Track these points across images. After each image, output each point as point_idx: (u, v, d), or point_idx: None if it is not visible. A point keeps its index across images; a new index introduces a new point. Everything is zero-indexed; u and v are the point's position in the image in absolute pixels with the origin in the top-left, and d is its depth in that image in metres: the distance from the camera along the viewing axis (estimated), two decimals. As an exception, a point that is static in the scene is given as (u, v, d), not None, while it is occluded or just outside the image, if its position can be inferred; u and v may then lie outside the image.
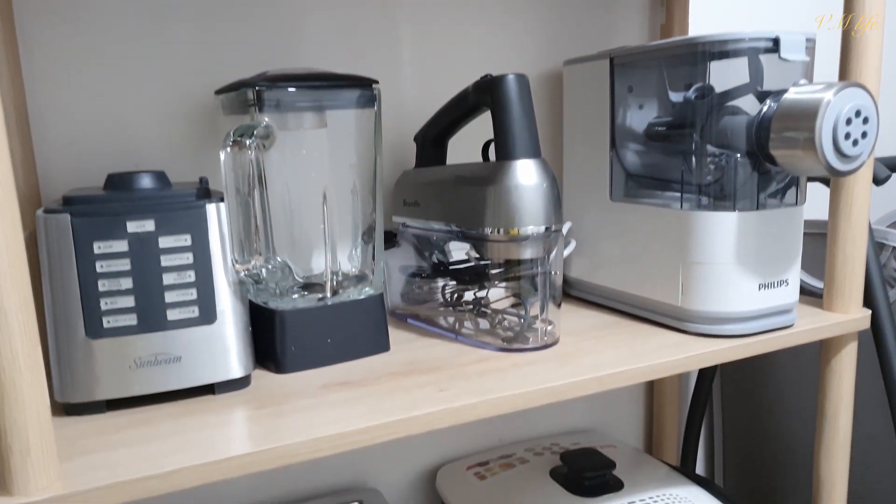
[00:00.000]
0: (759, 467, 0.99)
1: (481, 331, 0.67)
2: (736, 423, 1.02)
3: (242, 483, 0.77)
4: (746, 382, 0.99)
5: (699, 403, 0.95)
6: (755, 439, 0.99)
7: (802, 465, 0.93)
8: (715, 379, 1.02)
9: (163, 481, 0.43)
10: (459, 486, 0.81)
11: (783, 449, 0.95)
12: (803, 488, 0.93)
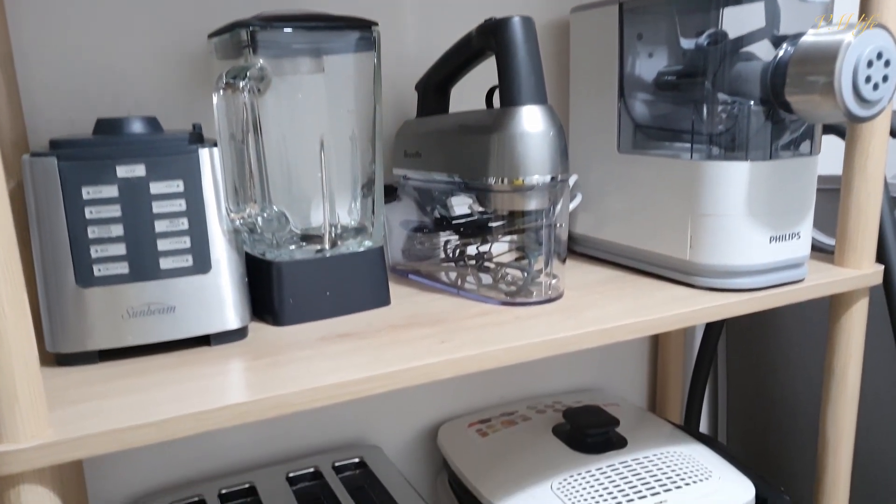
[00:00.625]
0: (763, 427, 0.99)
1: (484, 286, 0.66)
2: (740, 382, 1.01)
3: (242, 439, 0.76)
4: (752, 342, 0.98)
5: (704, 362, 0.94)
6: (759, 399, 0.98)
7: (807, 425, 0.92)
8: (720, 338, 1.00)
9: (157, 430, 0.42)
10: (461, 443, 0.80)
11: (788, 409, 0.94)
12: (808, 448, 0.93)
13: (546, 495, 0.68)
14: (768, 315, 0.95)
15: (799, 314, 0.91)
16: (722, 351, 1.04)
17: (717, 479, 0.71)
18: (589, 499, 0.67)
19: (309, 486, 0.73)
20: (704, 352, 0.94)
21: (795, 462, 0.95)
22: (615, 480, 0.69)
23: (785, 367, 0.94)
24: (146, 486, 0.73)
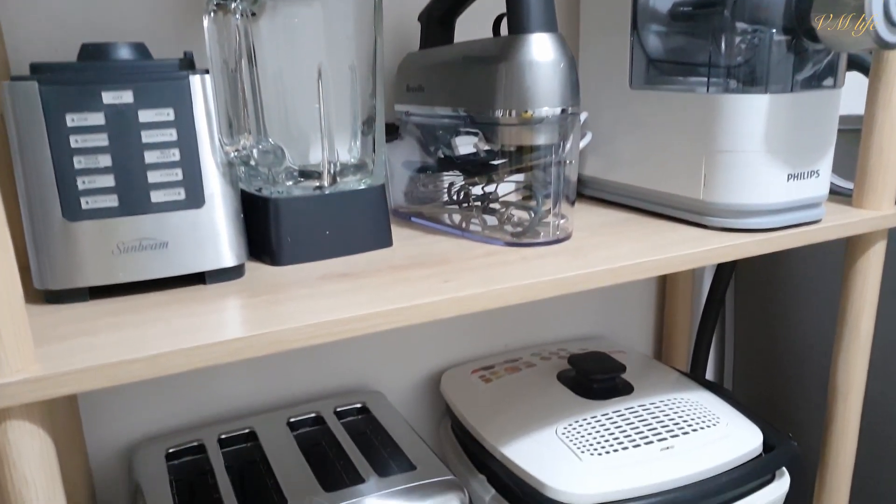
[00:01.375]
0: (770, 376, 0.97)
1: (489, 227, 0.63)
2: (748, 331, 1.00)
3: (242, 385, 0.75)
4: (761, 291, 0.96)
5: (712, 311, 0.92)
6: (767, 348, 0.97)
7: (816, 374, 0.91)
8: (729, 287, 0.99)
9: (148, 365, 0.40)
10: (464, 389, 0.79)
11: (796, 358, 0.93)
12: (815, 397, 0.92)
13: (551, 440, 0.67)
14: (779, 263, 0.93)
15: (811, 262, 0.89)
16: (730, 300, 1.02)
17: (724, 425, 0.70)
18: (595, 444, 0.66)
19: (310, 431, 0.72)
20: (712, 300, 0.92)
21: (802, 411, 0.94)
22: (621, 426, 0.68)
23: (794, 315, 0.92)
24: (144, 433, 0.72)
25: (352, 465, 0.63)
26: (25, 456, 0.39)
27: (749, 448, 0.68)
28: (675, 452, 0.66)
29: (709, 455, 0.66)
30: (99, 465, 0.71)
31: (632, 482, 0.62)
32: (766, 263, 0.95)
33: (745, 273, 0.99)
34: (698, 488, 0.64)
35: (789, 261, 0.92)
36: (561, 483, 0.62)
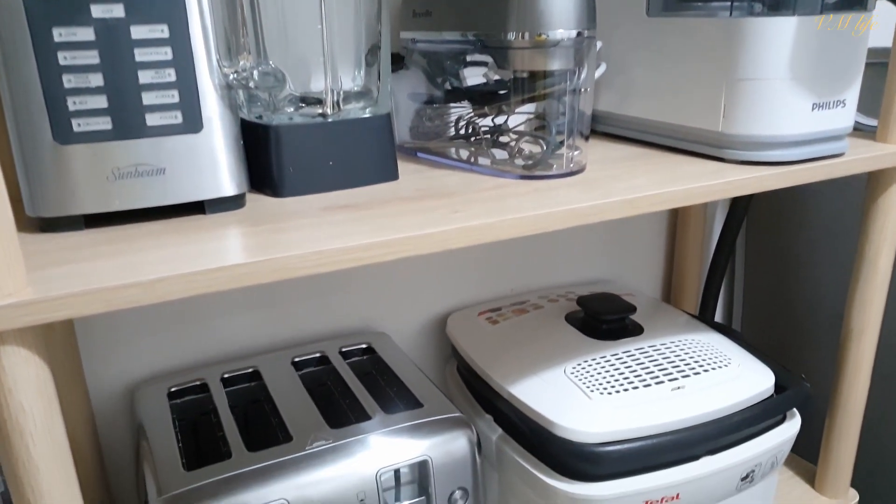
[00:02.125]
0: (780, 321, 0.96)
1: (499, 161, 0.61)
2: (759, 275, 0.98)
3: (245, 325, 0.74)
4: (773, 233, 0.94)
5: (723, 254, 0.90)
6: (778, 293, 0.96)
7: (828, 318, 0.90)
8: (740, 231, 0.96)
9: (145, 290, 0.38)
10: (470, 331, 0.77)
11: (808, 302, 0.92)
12: (826, 342, 0.90)
13: (559, 379, 0.66)
14: (792, 205, 0.91)
15: (825, 204, 0.87)
16: (741, 245, 1.00)
17: (735, 366, 0.69)
18: (604, 383, 0.64)
19: (315, 371, 0.71)
20: (724, 244, 0.90)
21: (812, 357, 0.93)
22: (631, 366, 0.67)
23: (807, 259, 0.90)
24: (145, 374, 0.71)
25: (357, 404, 0.62)
26: (21, 383, 0.37)
27: (761, 389, 0.67)
28: (685, 392, 0.65)
29: (720, 395, 0.65)
30: (100, 405, 0.70)
31: (642, 421, 0.61)
32: (778, 206, 0.93)
33: (756, 216, 0.97)
34: (709, 427, 0.63)
35: (803, 203, 0.89)
36: (570, 421, 0.61)
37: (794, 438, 0.69)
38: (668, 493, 0.62)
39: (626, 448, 0.60)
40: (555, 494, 0.62)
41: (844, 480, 0.78)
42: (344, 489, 0.54)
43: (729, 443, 0.65)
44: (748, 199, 0.90)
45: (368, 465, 0.55)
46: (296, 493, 0.53)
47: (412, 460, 0.57)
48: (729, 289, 1.03)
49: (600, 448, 0.60)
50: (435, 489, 0.58)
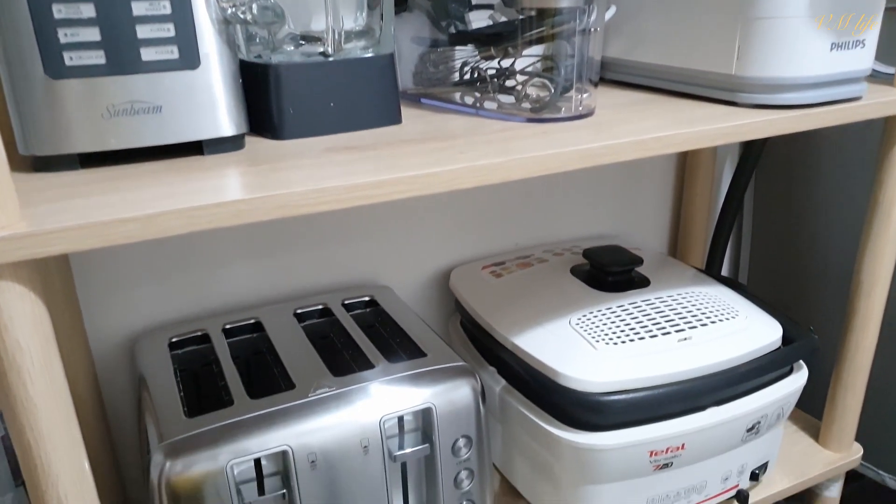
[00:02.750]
0: (787, 276, 0.95)
1: (506, 105, 0.59)
2: (767, 229, 0.97)
3: (247, 277, 0.73)
4: (782, 188, 0.93)
5: (731, 208, 0.89)
6: (786, 249, 0.94)
7: (836, 276, 0.89)
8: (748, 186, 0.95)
9: (143, 225, 0.37)
10: (474, 284, 0.76)
11: (816, 257, 0.91)
12: (834, 297, 0.89)
13: (564, 330, 0.65)
14: (802, 159, 0.89)
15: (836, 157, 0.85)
16: (748, 201, 0.99)
17: (743, 318, 0.68)
18: (610, 333, 0.64)
19: (317, 323, 0.70)
20: (732, 198, 0.89)
21: (819, 313, 0.92)
22: (637, 317, 0.66)
23: (816, 214, 0.89)
24: (146, 325, 0.70)
25: (361, 353, 0.61)
26: (17, 320, 0.37)
27: (768, 341, 0.66)
28: (692, 343, 0.64)
29: (727, 346, 0.64)
30: (101, 357, 0.69)
31: (648, 371, 0.61)
32: (788, 161, 0.91)
33: (765, 171, 0.95)
34: (716, 378, 0.62)
35: (813, 158, 0.88)
36: (575, 371, 0.60)
37: (800, 390, 0.68)
38: (674, 444, 0.62)
39: (631, 397, 0.59)
40: (559, 444, 0.61)
41: (849, 434, 0.78)
42: (347, 436, 0.54)
43: (735, 394, 0.64)
44: (758, 154, 0.88)
45: (372, 412, 0.55)
46: (299, 440, 0.52)
47: (416, 408, 0.56)
48: (736, 244, 1.01)
49: (605, 397, 0.59)
50: (439, 437, 0.57)
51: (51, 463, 0.40)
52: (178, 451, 0.50)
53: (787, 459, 0.78)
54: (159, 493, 0.50)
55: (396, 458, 0.56)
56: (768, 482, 0.74)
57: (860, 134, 0.81)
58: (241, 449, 0.51)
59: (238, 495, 0.51)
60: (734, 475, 0.68)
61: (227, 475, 0.50)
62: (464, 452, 0.59)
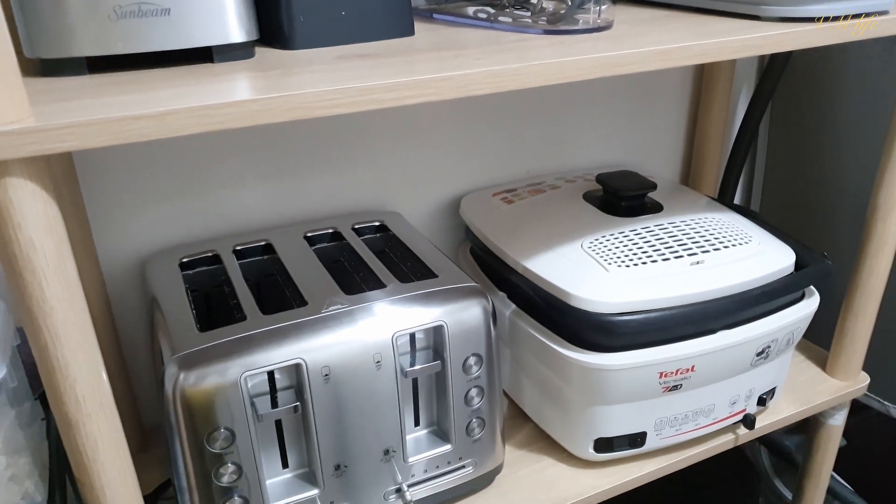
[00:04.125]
0: (800, 207, 0.94)
1: (521, 18, 0.57)
2: (781, 160, 0.95)
3: (256, 201, 0.72)
4: (799, 115, 0.91)
5: (745, 137, 0.88)
6: (800, 178, 0.93)
7: (851, 208, 0.88)
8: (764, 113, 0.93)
9: (156, 123, 0.36)
10: (485, 211, 0.76)
11: (831, 189, 0.89)
12: (846, 233, 0.89)
13: (576, 253, 0.64)
14: (820, 88, 0.87)
15: (857, 84, 0.83)
16: (763, 131, 0.97)
17: (756, 243, 0.67)
18: (622, 256, 0.63)
19: (328, 246, 0.70)
20: (747, 126, 0.87)
21: (831, 245, 0.91)
22: (650, 241, 0.66)
23: (833, 143, 0.87)
24: (156, 247, 0.70)
25: (373, 275, 0.61)
26: (31, 218, 0.36)
27: (781, 266, 0.66)
28: (704, 267, 0.63)
29: (739, 270, 0.64)
30: (112, 278, 0.69)
31: (660, 293, 0.61)
32: (805, 89, 0.89)
33: (781, 100, 0.93)
34: (727, 301, 0.62)
35: (830, 84, 0.86)
36: (587, 292, 0.60)
37: (811, 317, 0.68)
38: (683, 366, 0.62)
39: (642, 318, 0.59)
40: (570, 365, 0.62)
41: (856, 362, 0.78)
42: (360, 351, 0.54)
43: (746, 318, 0.64)
44: (774, 82, 0.86)
45: (384, 328, 0.55)
46: (312, 354, 0.53)
47: (427, 325, 0.56)
48: (749, 175, 1.00)
49: (617, 318, 0.59)
50: (450, 355, 0.58)
51: (68, 365, 0.40)
52: (191, 362, 0.50)
53: (794, 387, 0.78)
54: (173, 406, 0.50)
55: (408, 374, 0.56)
56: (775, 408, 0.75)
57: (880, 58, 0.79)
58: (254, 361, 0.51)
59: (252, 408, 0.52)
60: (742, 399, 0.69)
61: (241, 387, 0.51)
62: (474, 370, 0.59)
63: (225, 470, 0.52)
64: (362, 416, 0.56)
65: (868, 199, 0.70)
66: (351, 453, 0.56)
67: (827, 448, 0.83)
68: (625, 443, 0.66)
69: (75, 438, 0.42)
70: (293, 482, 0.57)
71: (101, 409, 0.42)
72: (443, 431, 0.61)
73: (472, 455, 0.62)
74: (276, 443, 0.56)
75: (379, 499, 0.59)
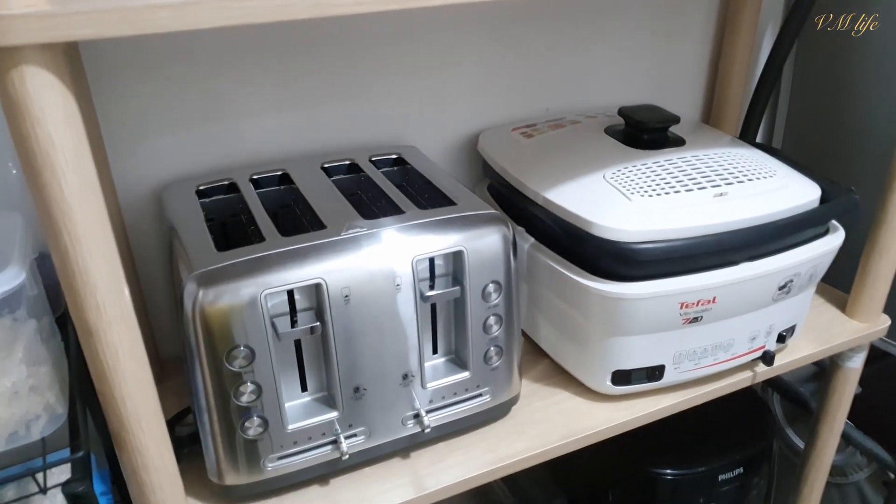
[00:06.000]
0: (824, 148, 0.92)
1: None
2: (805, 101, 0.93)
3: (273, 132, 0.71)
4: (824, 55, 0.89)
5: (770, 75, 0.85)
6: (824, 119, 0.91)
7: (876, 149, 0.86)
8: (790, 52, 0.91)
9: (176, 14, 0.35)
10: (504, 145, 0.75)
11: (856, 131, 0.88)
12: (873, 174, 0.87)
13: (598, 184, 0.63)
14: (847, 27, 0.85)
15: (886, 18, 0.81)
16: (787, 72, 0.95)
17: (781, 177, 0.66)
18: (645, 186, 0.62)
19: (345, 178, 0.69)
20: (771, 66, 0.85)
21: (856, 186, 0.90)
22: (673, 172, 0.64)
23: (860, 82, 0.85)
24: (172, 175, 0.69)
25: (392, 204, 0.60)
26: (49, 112, 0.36)
27: (806, 199, 0.64)
28: (728, 199, 0.62)
29: (763, 203, 0.63)
30: (129, 206, 0.69)
31: (683, 222, 0.60)
32: (832, 27, 0.87)
33: (806, 40, 0.91)
34: (750, 233, 0.61)
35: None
36: (609, 220, 0.59)
37: (835, 252, 0.67)
38: (705, 297, 0.61)
39: (664, 246, 0.58)
40: (589, 295, 0.61)
41: (878, 304, 0.77)
42: (380, 274, 0.54)
43: (770, 250, 0.63)
44: (800, 20, 0.84)
45: (404, 252, 0.54)
46: (332, 276, 0.52)
47: (447, 250, 0.56)
48: (770, 116, 0.98)
49: (639, 245, 0.58)
50: (469, 281, 0.57)
51: (88, 269, 0.40)
52: (211, 279, 0.50)
53: (813, 328, 0.78)
54: (193, 324, 0.50)
55: (428, 298, 0.56)
56: (793, 347, 0.74)
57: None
58: (274, 280, 0.51)
59: (272, 327, 0.52)
60: (762, 335, 0.68)
61: (261, 305, 0.50)
62: (493, 298, 0.59)
63: (244, 389, 0.52)
64: (382, 339, 0.55)
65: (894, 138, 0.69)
66: (370, 376, 0.56)
67: (843, 392, 0.83)
68: (643, 376, 0.66)
69: (95, 347, 0.42)
70: (312, 405, 0.57)
71: (122, 317, 0.42)
72: (461, 359, 0.61)
73: (490, 384, 0.62)
74: (296, 366, 0.56)
75: (397, 423, 0.59)
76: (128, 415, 0.45)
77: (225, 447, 0.54)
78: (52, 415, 0.46)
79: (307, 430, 0.56)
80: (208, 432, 0.54)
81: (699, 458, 0.79)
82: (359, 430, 0.57)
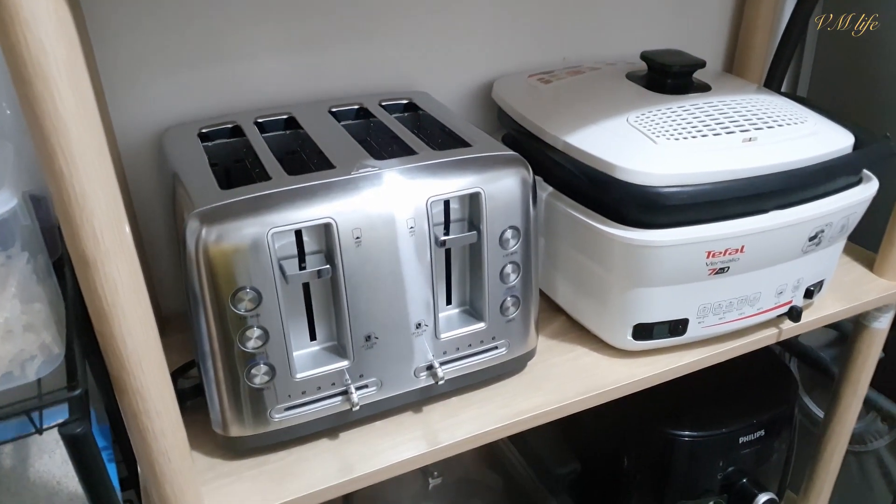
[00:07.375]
0: (851, 100, 0.89)
1: None
2: (832, 51, 0.90)
3: (276, 71, 0.68)
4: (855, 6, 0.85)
5: (797, 24, 0.82)
6: (853, 70, 0.88)
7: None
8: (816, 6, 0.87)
9: None
10: (520, 91, 0.71)
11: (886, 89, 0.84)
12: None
13: (621, 128, 0.60)
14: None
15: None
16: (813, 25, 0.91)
17: (812, 124, 0.63)
18: (671, 130, 0.59)
19: (354, 123, 0.66)
20: (799, 13, 0.82)
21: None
22: (699, 117, 0.61)
23: (891, 36, 0.82)
24: (173, 118, 0.66)
25: (405, 146, 0.58)
26: (40, 16, 0.33)
27: (839, 146, 0.61)
28: (758, 144, 0.59)
29: (794, 148, 0.60)
30: (128, 151, 0.66)
31: (711, 166, 0.57)
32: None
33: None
34: (780, 178, 0.58)
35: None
36: (634, 163, 0.56)
37: (868, 202, 0.64)
38: (733, 245, 0.59)
39: (692, 190, 0.56)
40: (611, 244, 0.58)
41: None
42: (393, 216, 0.51)
43: (800, 199, 0.60)
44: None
45: (418, 193, 0.52)
46: (343, 216, 0.49)
47: (463, 191, 0.53)
48: (796, 67, 0.95)
49: (665, 189, 0.55)
50: (486, 226, 0.54)
51: (85, 194, 0.37)
52: (214, 217, 0.47)
53: (840, 286, 0.75)
54: (196, 265, 0.48)
55: (443, 243, 0.53)
56: (820, 305, 0.72)
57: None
58: (282, 219, 0.48)
59: (279, 269, 0.49)
60: (789, 290, 0.65)
61: (268, 245, 0.48)
62: (511, 244, 0.56)
63: (251, 334, 0.50)
64: (395, 284, 0.53)
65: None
66: (382, 324, 0.53)
67: (869, 354, 0.80)
68: (665, 330, 0.63)
69: (93, 280, 0.40)
70: (321, 354, 0.54)
71: (121, 247, 0.40)
72: (476, 310, 0.59)
73: (506, 336, 0.59)
74: (304, 313, 0.53)
75: (409, 375, 0.56)
76: (128, 354, 0.42)
77: (230, 397, 0.52)
78: (49, 355, 0.44)
79: (316, 379, 0.53)
80: (213, 381, 0.51)
81: (719, 419, 0.76)
82: (370, 380, 0.55)
